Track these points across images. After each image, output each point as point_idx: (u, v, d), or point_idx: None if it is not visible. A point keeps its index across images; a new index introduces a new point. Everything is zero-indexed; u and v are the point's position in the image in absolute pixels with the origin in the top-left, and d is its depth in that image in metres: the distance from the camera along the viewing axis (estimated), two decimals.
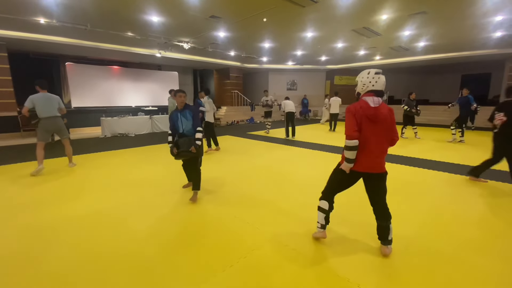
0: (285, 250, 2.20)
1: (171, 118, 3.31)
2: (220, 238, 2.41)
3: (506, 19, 6.62)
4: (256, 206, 3.14)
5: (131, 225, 2.68)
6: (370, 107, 1.97)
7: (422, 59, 12.48)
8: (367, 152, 1.99)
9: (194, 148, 3.11)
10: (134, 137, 8.76)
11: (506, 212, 2.92)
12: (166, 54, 10.54)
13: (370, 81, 2.01)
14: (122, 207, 3.13)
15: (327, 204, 2.24)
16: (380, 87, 2.01)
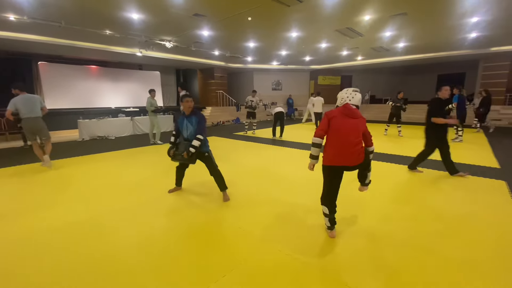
0: (281, 256, 2.12)
1: (176, 122, 3.31)
2: (213, 245, 2.29)
3: (481, 20, 6.92)
4: (248, 209, 3.04)
5: (114, 236, 2.49)
6: (345, 106, 2.27)
7: (401, 59, 12.88)
8: (342, 146, 2.20)
9: (186, 154, 3.04)
10: (114, 140, 8.38)
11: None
12: (147, 53, 10.18)
13: (347, 96, 2.31)
14: (105, 216, 2.92)
15: (327, 209, 2.35)
16: (356, 102, 2.30)
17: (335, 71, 16.85)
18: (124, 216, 2.93)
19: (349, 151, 2.19)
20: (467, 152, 5.93)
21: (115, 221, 2.80)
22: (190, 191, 3.64)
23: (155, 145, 7.31)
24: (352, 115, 2.24)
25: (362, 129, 2.27)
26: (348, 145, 2.19)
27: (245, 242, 2.34)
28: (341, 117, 2.24)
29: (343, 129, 2.21)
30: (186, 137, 3.19)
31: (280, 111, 7.96)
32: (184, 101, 3.14)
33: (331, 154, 2.23)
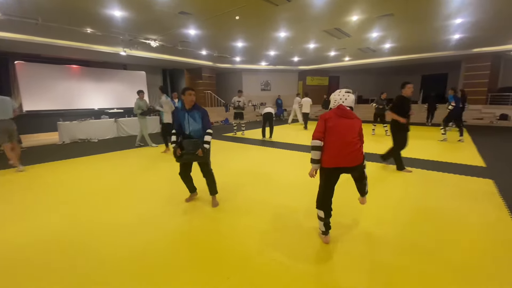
0: (275, 265, 2.00)
1: (177, 117, 3.01)
2: (202, 256, 2.14)
3: (465, 21, 7.08)
4: (239, 215, 2.90)
5: (99, 251, 2.29)
6: (338, 107, 2.24)
7: (388, 60, 13.10)
8: (339, 147, 2.15)
9: (201, 151, 2.85)
10: (97, 143, 8.03)
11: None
12: (132, 53, 9.86)
13: (340, 98, 2.27)
14: (87, 227, 2.71)
15: (322, 213, 2.26)
16: (349, 104, 2.26)
17: (323, 72, 16.97)
18: (109, 226, 2.73)
19: (347, 151, 2.14)
20: (453, 151, 6.02)
21: (98, 233, 2.60)
22: (174, 198, 3.46)
23: (140, 147, 7.08)
24: (346, 116, 2.21)
25: (358, 129, 2.23)
26: (346, 145, 2.14)
27: (237, 251, 2.21)
28: (336, 118, 2.20)
29: (339, 129, 2.17)
30: (188, 133, 2.95)
31: (269, 112, 7.86)
32: (186, 94, 2.89)
33: (329, 155, 2.17)
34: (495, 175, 4.12)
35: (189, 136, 2.96)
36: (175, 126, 3.01)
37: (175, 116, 3.02)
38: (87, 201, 3.41)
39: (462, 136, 7.05)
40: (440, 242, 2.30)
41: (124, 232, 2.58)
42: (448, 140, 7.21)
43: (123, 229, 2.64)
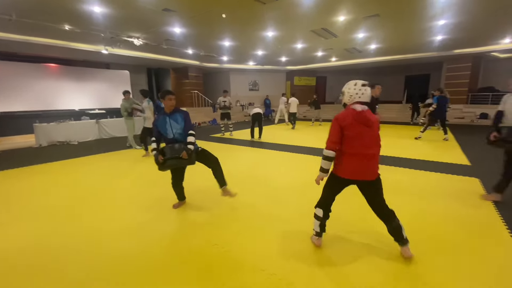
0: (263, 276, 1.88)
1: (155, 124, 2.84)
2: (189, 268, 1.99)
3: (447, 23, 7.23)
4: (231, 220, 2.77)
5: (78, 265, 2.09)
6: (359, 112, 1.95)
7: (373, 60, 13.30)
8: (356, 158, 1.95)
9: (185, 153, 2.69)
10: (77, 145, 7.65)
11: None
12: (114, 51, 9.48)
13: (357, 92, 2.00)
14: (62, 238, 2.49)
15: (321, 211, 2.17)
16: (366, 99, 2.00)
17: (310, 72, 17.05)
18: (90, 235, 2.52)
19: (367, 164, 1.95)
20: (438, 150, 6.12)
21: (77, 243, 2.39)
22: (159, 203, 3.28)
23: (130, 149, 6.85)
24: (368, 124, 1.94)
25: (378, 138, 2.00)
26: (368, 159, 1.95)
27: (227, 260, 2.07)
28: (356, 125, 1.92)
29: (361, 142, 1.93)
30: (172, 137, 2.79)
31: (258, 112, 7.75)
32: (166, 99, 2.76)
33: (346, 167, 1.97)
34: (480, 174, 4.19)
35: (174, 141, 2.79)
36: (154, 133, 2.86)
37: (154, 123, 2.85)
38: (65, 208, 3.17)
39: (447, 134, 7.21)
40: (430, 242, 2.26)
41: (108, 240, 2.39)
42: (433, 139, 7.36)
43: (107, 237, 2.44)
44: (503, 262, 2.02)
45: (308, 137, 8.45)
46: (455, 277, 1.85)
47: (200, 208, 3.10)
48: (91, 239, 2.46)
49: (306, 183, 3.93)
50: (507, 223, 2.60)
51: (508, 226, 2.53)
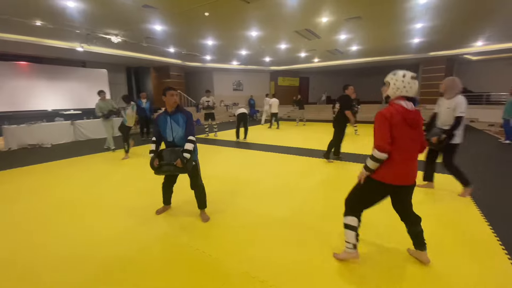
0: (254, 283, 1.80)
1: (157, 123, 2.62)
2: (176, 277, 1.87)
3: (425, 26, 7.53)
4: (218, 226, 2.66)
5: (62, 278, 1.91)
6: (409, 111, 1.75)
7: (354, 62, 13.64)
8: (403, 162, 1.77)
9: (179, 162, 2.45)
10: (51, 148, 7.20)
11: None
12: (90, 48, 9.02)
13: (404, 85, 1.76)
14: (32, 251, 2.28)
15: (356, 220, 1.92)
16: (413, 94, 1.78)
17: (293, 73, 17.20)
18: (65, 248, 2.32)
19: (413, 167, 1.81)
20: None
21: (56, 256, 2.19)
22: (143, 210, 3.12)
23: (108, 151, 6.52)
24: (415, 125, 1.77)
25: (422, 138, 1.86)
26: (413, 162, 1.80)
27: (213, 270, 1.98)
28: (404, 125, 1.74)
29: (409, 144, 1.77)
30: (171, 140, 2.58)
31: (243, 112, 7.66)
32: (167, 95, 2.52)
33: (393, 171, 1.77)
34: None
35: (173, 144, 2.59)
36: (155, 133, 2.64)
37: (156, 122, 2.64)
38: (37, 217, 2.92)
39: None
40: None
41: (87, 252, 2.21)
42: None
43: (85, 248, 2.26)
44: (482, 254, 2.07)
45: (294, 137, 8.48)
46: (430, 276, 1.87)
47: (186, 213, 2.97)
48: (67, 249, 2.27)
49: (295, 185, 3.91)
50: (486, 216, 2.70)
51: (486, 219, 2.63)
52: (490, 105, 11.82)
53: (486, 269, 1.93)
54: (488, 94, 12.13)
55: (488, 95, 12.13)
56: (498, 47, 10.12)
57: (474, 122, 11.58)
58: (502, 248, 2.17)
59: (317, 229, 2.54)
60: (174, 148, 2.53)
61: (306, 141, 7.68)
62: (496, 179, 4.06)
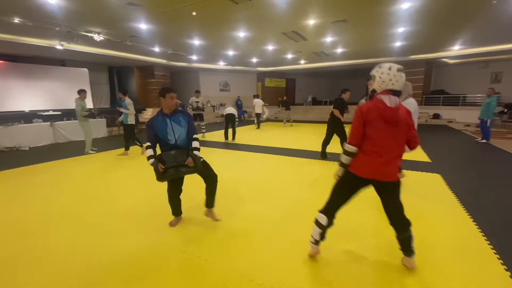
0: (251, 287, 1.79)
1: (152, 126, 2.39)
2: (172, 284, 1.82)
3: (406, 30, 7.83)
4: (207, 233, 2.62)
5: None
6: (387, 107, 1.70)
7: (339, 64, 13.93)
8: (375, 157, 1.74)
9: (191, 160, 2.34)
10: (29, 151, 6.83)
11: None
12: (71, 47, 8.67)
13: (390, 78, 1.72)
14: (22, 260, 2.14)
15: (325, 219, 1.94)
16: (399, 87, 1.73)
17: (280, 74, 17.33)
18: (50, 259, 2.20)
19: (387, 163, 1.74)
20: None
21: (20, 272, 2.06)
22: (128, 219, 3.02)
23: (88, 155, 6.20)
24: (395, 122, 1.70)
25: (405, 136, 1.77)
26: (389, 159, 1.74)
27: (209, 274, 1.94)
28: (381, 121, 1.71)
29: (384, 138, 1.73)
30: (174, 143, 2.41)
31: (231, 113, 7.61)
32: (167, 97, 2.37)
33: (361, 163, 1.78)
34: (440, 169, 4.55)
35: (176, 146, 2.42)
36: (150, 137, 2.38)
37: (151, 125, 2.41)
38: (14, 225, 2.75)
39: None
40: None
41: (76, 269, 2.10)
42: None
43: (49, 262, 2.15)
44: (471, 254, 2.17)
45: (282, 138, 8.53)
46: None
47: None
48: (52, 260, 2.15)
49: (288, 185, 3.93)
50: (470, 213, 2.83)
51: (471, 215, 2.76)
52: (466, 106, 12.46)
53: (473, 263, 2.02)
54: (464, 96, 12.78)
55: (464, 97, 12.78)
56: (472, 51, 10.69)
57: (451, 122, 12.17)
58: (482, 235, 2.29)
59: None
60: (178, 150, 2.39)
61: (296, 142, 7.74)
62: (474, 173, 4.28)
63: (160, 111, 2.46)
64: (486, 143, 7.18)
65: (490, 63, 12.75)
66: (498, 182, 3.98)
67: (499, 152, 6.07)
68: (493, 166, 4.91)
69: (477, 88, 12.77)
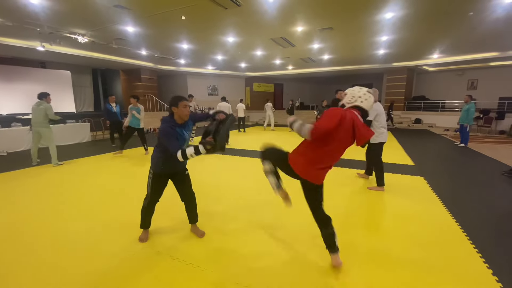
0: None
1: (175, 136, 2.18)
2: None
3: (389, 39, 8.14)
4: (199, 240, 2.58)
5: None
6: (361, 123, 1.82)
7: (325, 70, 14.26)
8: (317, 159, 1.82)
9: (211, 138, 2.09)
10: (6, 156, 6.49)
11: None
12: (53, 48, 8.37)
13: (360, 96, 1.85)
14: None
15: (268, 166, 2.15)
16: (367, 107, 1.86)
17: (268, 79, 17.51)
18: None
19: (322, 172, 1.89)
20: (384, 151, 6.72)
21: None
22: (117, 228, 2.93)
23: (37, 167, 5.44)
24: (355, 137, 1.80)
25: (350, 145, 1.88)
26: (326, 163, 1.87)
27: (203, 282, 1.91)
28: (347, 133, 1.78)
29: (335, 146, 1.81)
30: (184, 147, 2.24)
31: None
32: (180, 106, 2.17)
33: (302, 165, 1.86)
34: (424, 172, 4.73)
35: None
36: (176, 146, 2.11)
37: (172, 135, 2.17)
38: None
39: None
40: (396, 240, 2.43)
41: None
42: None
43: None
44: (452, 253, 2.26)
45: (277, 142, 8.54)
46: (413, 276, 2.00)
47: (166, 227, 2.85)
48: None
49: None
50: (452, 213, 2.96)
51: (453, 215, 2.88)
52: (445, 112, 13.05)
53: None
54: (443, 102, 13.39)
55: (444, 103, 13.40)
56: (450, 59, 11.26)
57: (432, 127, 12.69)
58: (462, 231, 2.39)
59: (306, 233, 2.58)
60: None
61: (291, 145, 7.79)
62: (455, 175, 4.49)
63: (171, 119, 2.21)
64: (464, 146, 7.54)
65: (467, 71, 13.47)
66: (477, 183, 4.19)
67: (477, 156, 6.39)
68: (472, 169, 5.16)
69: (455, 94, 13.44)
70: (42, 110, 5.24)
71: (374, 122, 3.76)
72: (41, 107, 5.26)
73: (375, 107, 3.74)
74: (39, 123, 5.33)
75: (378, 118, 3.77)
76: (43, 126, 5.37)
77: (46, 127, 5.42)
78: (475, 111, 7.58)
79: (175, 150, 2.08)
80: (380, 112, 3.79)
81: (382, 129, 3.79)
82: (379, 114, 3.78)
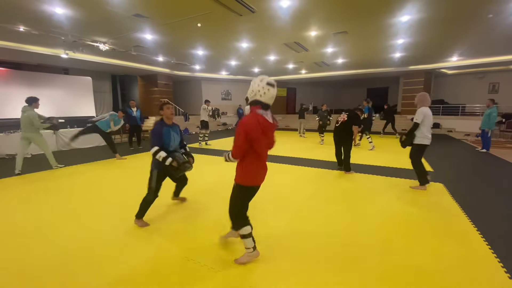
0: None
1: (161, 133, 2.81)
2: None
3: (405, 42, 7.98)
4: (219, 244, 2.62)
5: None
6: (270, 123, 1.92)
7: (339, 74, 14.11)
8: (263, 165, 2.05)
9: (191, 159, 3.01)
10: (30, 158, 6.84)
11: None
12: (76, 56, 8.79)
13: (259, 89, 1.85)
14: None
15: (249, 228, 2.11)
16: (267, 100, 1.87)
17: (281, 83, 17.51)
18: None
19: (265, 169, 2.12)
20: (399, 156, 6.46)
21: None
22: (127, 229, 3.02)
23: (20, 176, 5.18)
24: (269, 132, 1.96)
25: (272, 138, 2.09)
26: (265, 163, 2.09)
27: (222, 284, 1.94)
28: (262, 136, 1.89)
29: (263, 149, 1.98)
30: (173, 149, 2.94)
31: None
32: (165, 109, 2.89)
33: (256, 174, 2.04)
34: (443, 179, 4.57)
35: (173, 151, 2.91)
36: (156, 142, 2.77)
37: (160, 132, 2.80)
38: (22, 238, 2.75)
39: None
40: (412, 247, 2.37)
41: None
42: (395, 146, 7.91)
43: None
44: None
45: (291, 147, 8.52)
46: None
47: (174, 228, 2.91)
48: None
49: (299, 195, 3.93)
50: (473, 221, 2.84)
51: (474, 224, 2.77)
52: (465, 116, 12.57)
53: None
54: (463, 106, 12.91)
55: (464, 107, 12.91)
56: (470, 62, 10.87)
57: (451, 132, 12.24)
58: (486, 244, 2.30)
59: (326, 241, 2.57)
60: (174, 153, 2.85)
61: (304, 151, 7.76)
62: (475, 182, 4.31)
63: (161, 121, 2.89)
64: (486, 152, 7.23)
65: (488, 74, 12.95)
66: (500, 191, 4.00)
67: (499, 162, 6.11)
68: (494, 176, 4.94)
69: (476, 98, 12.93)
70: (27, 117, 5.05)
71: (421, 127, 3.83)
72: (25, 115, 5.05)
73: (424, 110, 3.80)
74: (27, 129, 5.13)
75: (425, 121, 3.82)
76: (31, 131, 5.19)
77: (34, 132, 5.22)
78: (497, 116, 7.27)
79: (154, 144, 2.74)
80: (427, 115, 3.81)
81: (427, 133, 3.88)
82: (427, 116, 3.81)
